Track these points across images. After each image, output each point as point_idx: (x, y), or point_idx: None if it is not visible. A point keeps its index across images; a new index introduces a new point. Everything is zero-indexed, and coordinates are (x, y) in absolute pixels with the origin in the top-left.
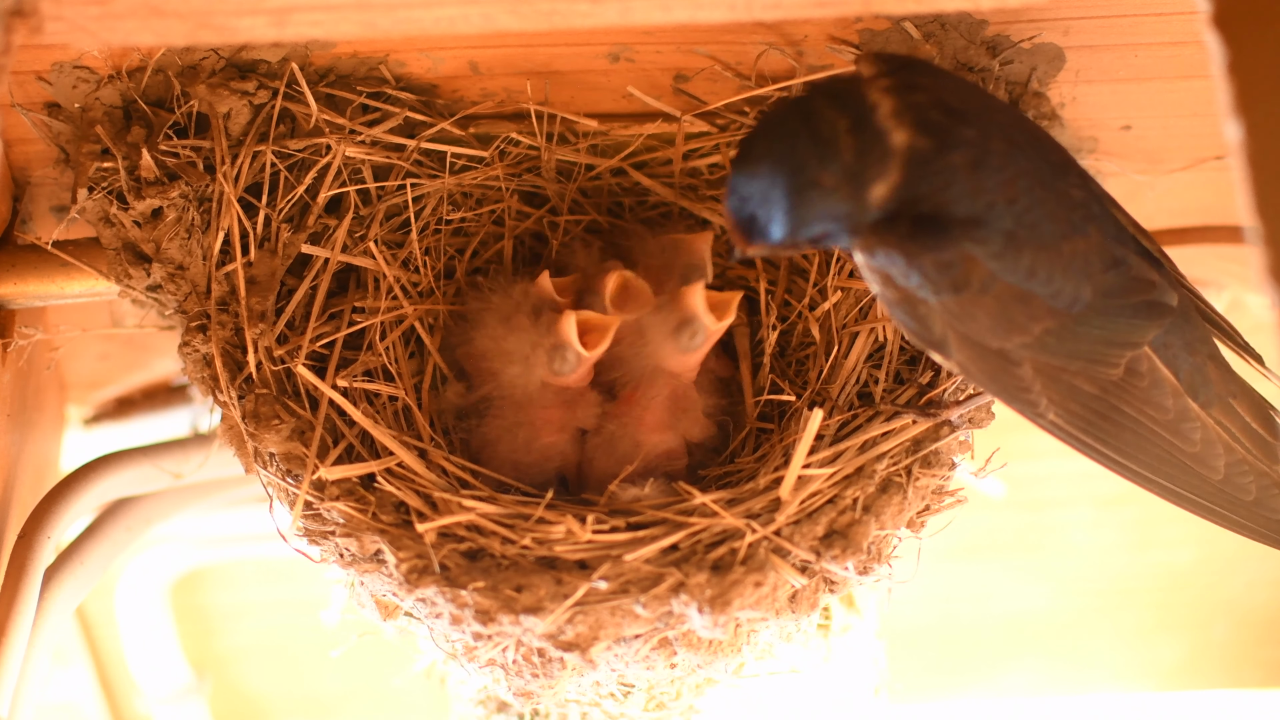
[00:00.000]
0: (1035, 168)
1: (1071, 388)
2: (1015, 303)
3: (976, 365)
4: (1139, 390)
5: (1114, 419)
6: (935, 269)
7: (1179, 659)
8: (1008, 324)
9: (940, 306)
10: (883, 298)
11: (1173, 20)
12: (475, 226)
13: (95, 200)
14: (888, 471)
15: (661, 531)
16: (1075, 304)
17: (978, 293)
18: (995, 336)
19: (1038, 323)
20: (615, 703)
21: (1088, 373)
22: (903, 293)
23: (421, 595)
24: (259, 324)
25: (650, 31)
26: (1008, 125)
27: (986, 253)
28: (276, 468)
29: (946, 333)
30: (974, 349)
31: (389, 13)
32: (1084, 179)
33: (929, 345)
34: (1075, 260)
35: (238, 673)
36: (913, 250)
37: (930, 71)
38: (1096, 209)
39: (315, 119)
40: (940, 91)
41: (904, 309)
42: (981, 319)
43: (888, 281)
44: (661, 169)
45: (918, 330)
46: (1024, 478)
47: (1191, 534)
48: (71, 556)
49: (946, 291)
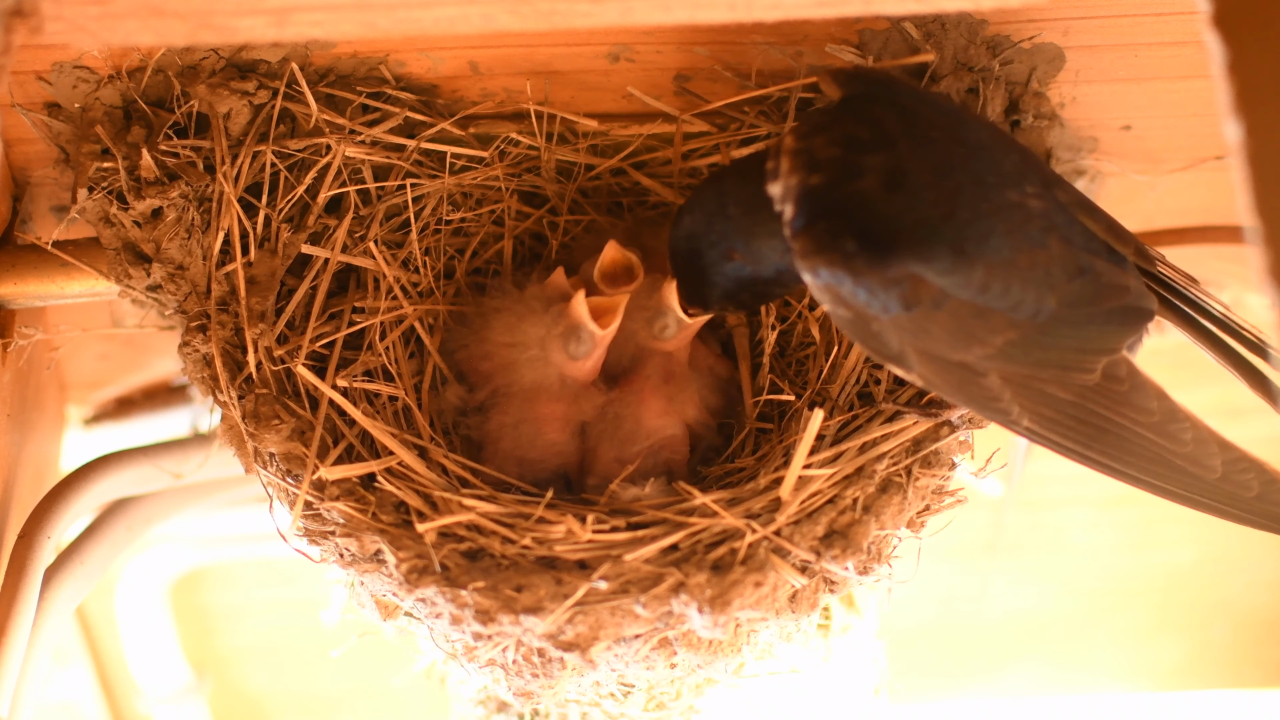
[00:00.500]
0: (978, 181)
1: (1044, 394)
2: (971, 318)
3: (940, 378)
4: (1119, 394)
5: (1093, 424)
6: (882, 286)
7: (1179, 659)
8: (966, 337)
9: (892, 323)
10: (834, 316)
11: (1173, 20)
12: (475, 226)
13: (95, 200)
14: (888, 471)
15: (661, 531)
16: (1038, 314)
17: (930, 309)
18: (955, 350)
19: (998, 335)
20: (615, 703)
21: (1061, 380)
22: (854, 310)
23: (421, 595)
24: (259, 324)
25: (650, 31)
26: (948, 141)
27: (934, 270)
28: (276, 468)
29: (904, 348)
30: (935, 362)
31: (389, 13)
32: (1046, 187)
33: (888, 360)
34: (1035, 271)
35: (238, 673)
36: (858, 268)
37: (875, 97)
38: (1060, 218)
39: (315, 119)
40: (851, 127)
41: (857, 326)
42: (937, 334)
43: (838, 299)
44: (661, 169)
45: (874, 346)
46: (1024, 478)
47: (1191, 534)
48: (71, 556)
49: (897, 308)
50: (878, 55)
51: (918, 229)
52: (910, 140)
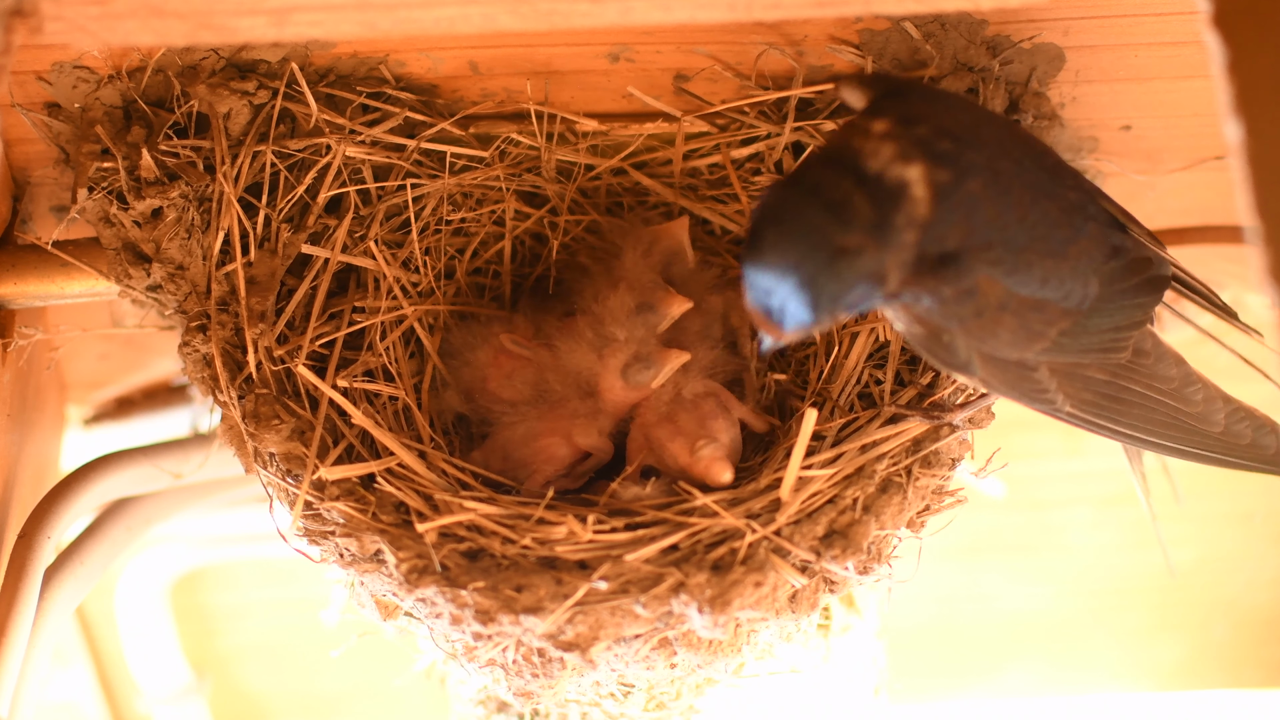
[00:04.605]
0: (1037, 179)
1: (1085, 379)
2: (1031, 312)
3: (998, 378)
4: (1145, 367)
5: (1124, 399)
6: (957, 299)
7: (1179, 659)
8: (1027, 334)
9: (963, 331)
10: (909, 334)
11: (1173, 20)
12: (475, 226)
13: (95, 200)
14: (888, 471)
15: (662, 531)
16: (1085, 300)
17: (998, 311)
18: (1015, 348)
19: (1053, 326)
20: (615, 703)
21: (1101, 363)
22: (930, 326)
23: (421, 595)
24: (259, 324)
25: (650, 31)
26: (1006, 140)
27: (1002, 272)
28: (276, 468)
29: (971, 355)
30: (995, 364)
31: (389, 13)
32: (1077, 178)
33: (955, 369)
34: (1081, 259)
35: (238, 673)
36: (933, 285)
37: (925, 95)
38: (1092, 207)
39: (315, 119)
40: (940, 118)
41: (931, 341)
42: (1003, 335)
43: (915, 319)
44: (661, 169)
45: (945, 358)
46: (1024, 478)
47: (1191, 534)
48: (71, 556)
49: (970, 317)
50: (878, 55)
51: (999, 230)
52: (985, 139)
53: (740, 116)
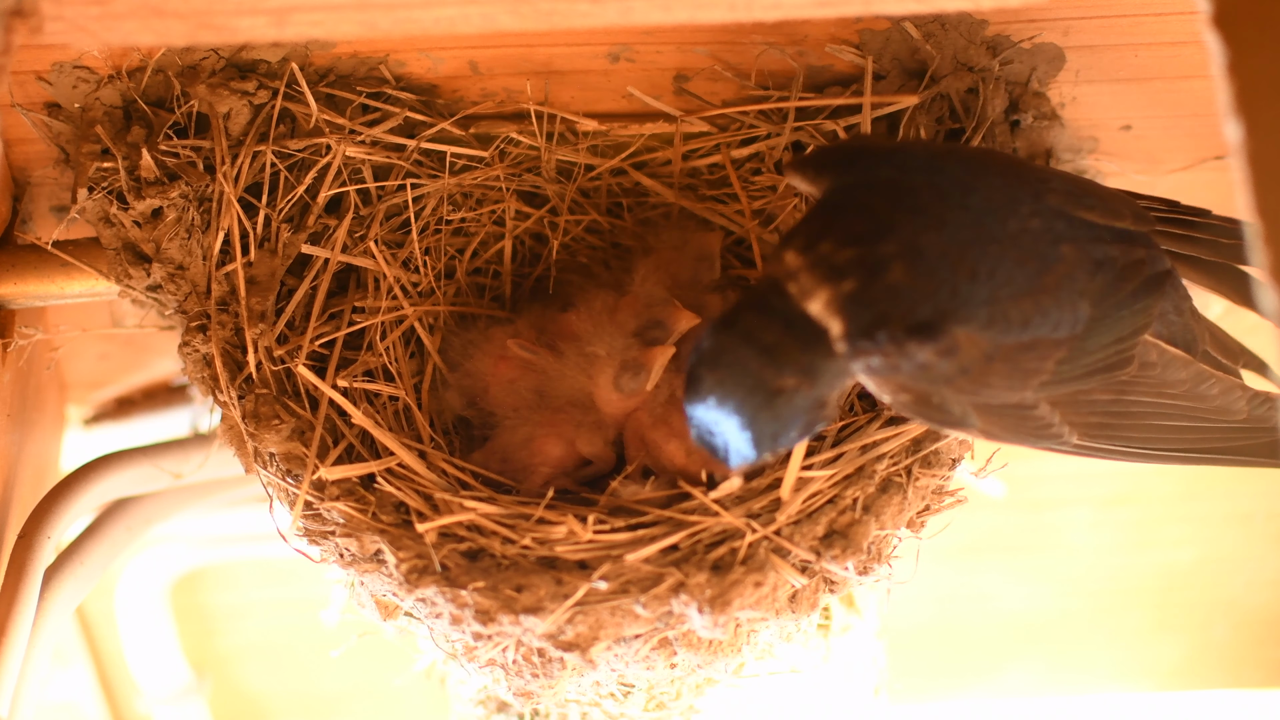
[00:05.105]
0: (979, 226)
1: (1089, 403)
2: (1022, 353)
3: (998, 425)
4: (1153, 377)
5: (1132, 412)
6: (936, 357)
7: (1179, 659)
8: (1022, 374)
9: (952, 389)
10: (895, 403)
11: (1173, 20)
12: (475, 226)
13: (95, 200)
14: (888, 471)
15: (662, 531)
16: (1077, 324)
17: (984, 362)
18: (1012, 391)
19: (1049, 359)
20: (615, 703)
21: (1105, 382)
22: (916, 392)
23: (421, 595)
24: (259, 324)
25: (650, 31)
26: (950, 190)
27: (976, 327)
28: (276, 468)
29: (966, 410)
30: (993, 412)
31: (389, 13)
32: (1037, 199)
33: (951, 427)
34: (1061, 287)
35: (238, 673)
36: (909, 350)
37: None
38: (1061, 226)
39: (315, 119)
40: (854, 211)
41: (921, 406)
42: (996, 383)
43: (899, 387)
44: (662, 169)
45: (940, 419)
46: (1024, 478)
47: (1191, 534)
48: (71, 556)
49: (956, 375)
50: (878, 55)
51: (951, 297)
52: (906, 214)
53: (740, 117)
